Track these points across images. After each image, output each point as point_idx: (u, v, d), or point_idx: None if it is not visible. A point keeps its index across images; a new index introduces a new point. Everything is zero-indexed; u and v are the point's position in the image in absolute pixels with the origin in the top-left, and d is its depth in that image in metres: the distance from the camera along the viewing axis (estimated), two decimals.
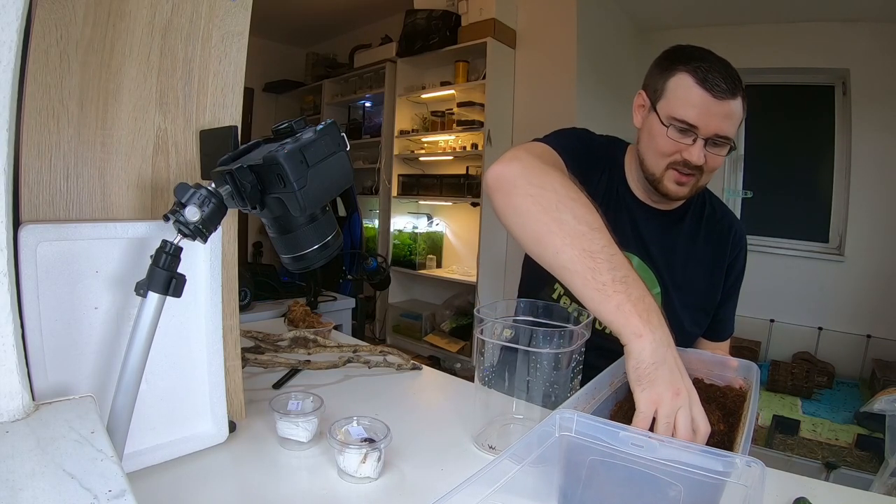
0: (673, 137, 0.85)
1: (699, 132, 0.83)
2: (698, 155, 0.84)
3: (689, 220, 1.01)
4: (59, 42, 0.57)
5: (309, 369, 0.99)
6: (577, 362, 0.70)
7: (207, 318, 0.66)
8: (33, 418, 0.43)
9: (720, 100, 0.81)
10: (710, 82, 0.81)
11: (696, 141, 0.84)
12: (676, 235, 0.99)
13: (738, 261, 1.04)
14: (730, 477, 0.45)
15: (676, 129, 0.85)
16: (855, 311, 3.02)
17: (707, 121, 0.82)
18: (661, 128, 0.86)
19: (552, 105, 3.12)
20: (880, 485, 0.98)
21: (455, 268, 3.79)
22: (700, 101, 0.82)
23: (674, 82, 0.85)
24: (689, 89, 0.83)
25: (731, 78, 0.82)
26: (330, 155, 0.51)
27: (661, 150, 0.88)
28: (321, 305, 2.02)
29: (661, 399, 0.58)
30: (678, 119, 0.84)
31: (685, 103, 0.83)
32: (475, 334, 0.71)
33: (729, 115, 0.83)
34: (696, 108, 0.82)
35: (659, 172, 0.90)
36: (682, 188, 0.90)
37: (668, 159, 0.88)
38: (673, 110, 0.85)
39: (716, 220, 1.03)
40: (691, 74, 0.83)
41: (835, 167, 3.11)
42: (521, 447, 0.48)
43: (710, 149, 0.85)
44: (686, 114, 0.83)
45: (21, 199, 0.56)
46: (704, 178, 0.90)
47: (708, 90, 0.81)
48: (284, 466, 0.66)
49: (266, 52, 4.74)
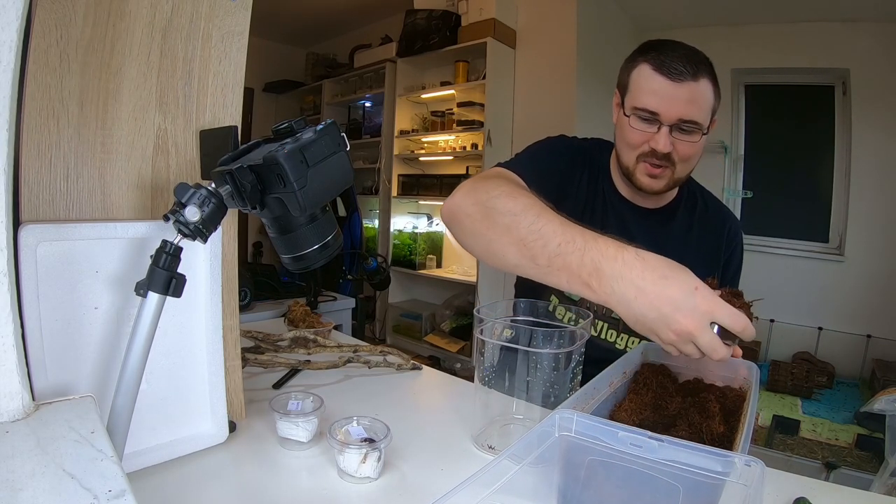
0: (637, 127, 0.86)
1: (662, 118, 0.83)
2: (664, 142, 0.84)
3: (680, 217, 1.00)
4: (59, 42, 0.57)
5: (309, 369, 0.99)
6: (576, 362, 0.70)
7: (207, 318, 0.66)
8: (33, 418, 0.43)
9: (679, 83, 0.81)
10: (667, 67, 0.82)
11: (661, 128, 0.84)
12: (667, 233, 0.99)
13: (734, 256, 1.02)
14: (729, 477, 0.45)
15: (640, 118, 0.86)
16: (855, 311, 3.02)
17: (668, 106, 0.82)
18: (625, 119, 0.88)
19: (552, 105, 3.12)
20: (880, 485, 0.98)
21: (455, 268, 3.79)
22: (659, 88, 0.82)
23: (635, 74, 0.87)
24: (648, 77, 0.84)
25: (692, 61, 0.82)
26: (330, 155, 0.51)
27: (628, 141, 0.89)
28: (321, 305, 2.02)
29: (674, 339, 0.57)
30: (639, 108, 0.85)
31: (645, 91, 0.84)
32: (475, 334, 0.71)
33: (692, 99, 0.82)
34: (656, 95, 0.83)
35: (631, 165, 0.91)
36: (656, 181, 0.89)
37: (636, 151, 0.88)
38: (635, 100, 0.86)
39: (709, 215, 1.02)
40: (650, 63, 0.84)
41: (835, 167, 3.11)
42: (520, 447, 0.48)
43: (679, 135, 0.85)
44: (647, 101, 0.84)
45: (21, 199, 0.56)
46: (680, 168, 0.89)
47: (666, 75, 0.82)
48: (284, 466, 0.66)
49: (266, 52, 4.75)
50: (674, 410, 0.64)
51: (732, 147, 3.35)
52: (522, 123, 3.32)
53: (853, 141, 3.01)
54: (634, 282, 0.58)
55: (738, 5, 3.02)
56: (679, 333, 0.57)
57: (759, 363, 2.95)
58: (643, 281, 0.58)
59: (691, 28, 3.33)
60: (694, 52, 0.83)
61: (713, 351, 0.56)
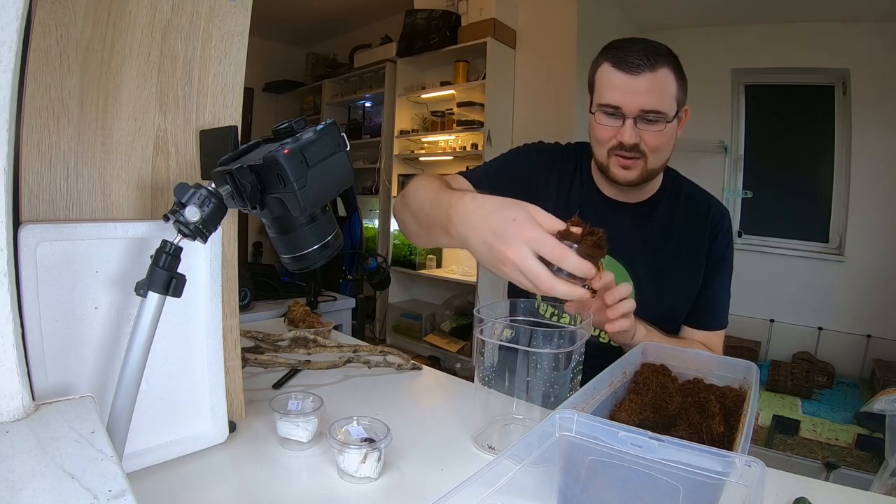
0: (603, 122, 0.90)
1: (624, 111, 0.87)
2: (629, 134, 0.87)
3: (662, 209, 1.01)
4: (59, 42, 0.57)
5: (309, 369, 0.99)
6: (576, 362, 0.70)
7: (207, 318, 0.66)
8: (33, 418, 0.43)
9: (636, 75, 0.84)
10: (624, 61, 0.85)
11: (626, 121, 0.87)
12: (649, 226, 1.00)
13: (717, 242, 1.01)
14: (729, 477, 0.45)
15: (605, 113, 0.89)
16: (855, 311, 3.02)
17: (629, 98, 0.86)
18: (593, 117, 0.92)
19: (552, 105, 3.12)
20: (880, 485, 0.98)
21: (455, 268, 3.79)
22: (619, 82, 0.86)
23: (599, 73, 0.91)
24: (608, 75, 0.88)
25: (647, 53, 0.84)
26: (330, 155, 0.51)
27: (597, 137, 0.93)
28: (321, 305, 2.02)
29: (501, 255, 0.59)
30: (603, 104, 0.88)
31: (607, 87, 0.88)
32: (475, 334, 0.71)
33: (651, 89, 0.85)
34: (616, 89, 0.86)
35: (604, 160, 0.94)
36: (629, 172, 0.92)
37: (606, 145, 0.92)
38: (599, 97, 0.90)
39: (693, 204, 1.02)
40: (608, 60, 0.88)
41: (835, 167, 3.11)
42: (521, 447, 0.48)
43: (644, 126, 0.87)
44: (608, 97, 0.87)
45: (21, 199, 0.56)
46: (652, 159, 0.91)
47: (623, 70, 0.85)
48: (284, 466, 0.66)
49: (266, 52, 4.74)
50: (674, 410, 0.64)
51: (732, 147, 3.35)
52: (522, 123, 3.32)
53: (853, 141, 3.01)
54: (469, 219, 0.64)
55: (738, 5, 3.02)
56: (505, 262, 0.59)
57: (759, 363, 2.95)
58: (475, 217, 0.63)
59: (691, 28, 3.34)
60: (653, 46, 0.86)
61: (536, 277, 0.58)
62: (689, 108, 0.94)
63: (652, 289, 0.97)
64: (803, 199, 3.26)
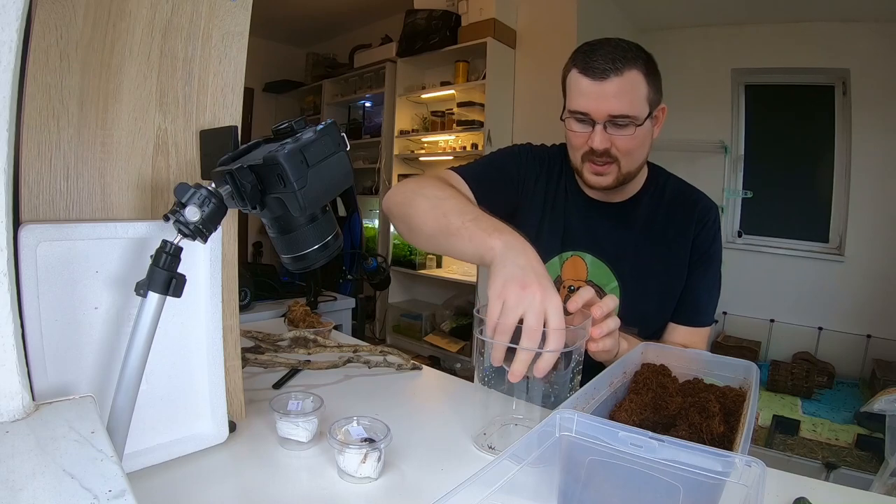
0: (573, 129, 0.90)
1: (593, 117, 0.86)
2: (599, 140, 0.87)
3: (645, 206, 1.00)
4: (59, 42, 0.57)
5: (309, 369, 0.99)
6: (576, 362, 0.70)
7: (207, 318, 0.66)
8: (33, 418, 0.43)
9: (602, 81, 0.84)
10: (590, 67, 0.84)
11: (595, 127, 0.87)
12: (631, 224, 0.99)
13: (702, 236, 0.99)
14: (729, 477, 0.45)
15: (574, 120, 0.89)
16: (855, 311, 3.02)
17: (596, 105, 0.85)
18: (564, 124, 0.92)
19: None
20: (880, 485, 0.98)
21: (455, 267, 3.79)
22: (586, 89, 0.86)
23: (568, 80, 0.90)
24: (576, 81, 0.87)
25: (613, 57, 0.83)
26: (330, 155, 0.51)
27: (570, 144, 0.93)
28: (321, 305, 2.02)
29: (507, 291, 0.60)
30: (573, 110, 0.88)
31: (576, 94, 0.88)
32: (475, 334, 0.71)
33: (617, 94, 0.84)
34: (584, 96, 0.86)
35: (578, 165, 0.94)
36: (603, 177, 0.92)
37: (579, 152, 0.92)
38: (569, 104, 0.90)
39: (679, 199, 1.01)
40: (576, 67, 0.87)
41: (835, 167, 3.11)
42: (521, 447, 0.48)
43: (614, 131, 0.87)
44: (577, 104, 0.87)
45: (21, 199, 0.56)
46: (625, 162, 0.90)
47: (589, 76, 0.85)
48: (284, 466, 0.66)
49: (266, 52, 4.74)
50: (674, 410, 0.64)
51: (732, 147, 3.35)
52: (522, 123, 3.32)
53: (853, 141, 3.01)
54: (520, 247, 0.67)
55: (738, 5, 3.02)
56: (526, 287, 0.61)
57: (759, 363, 2.95)
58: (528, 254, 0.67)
59: (691, 28, 3.34)
60: (621, 47, 0.85)
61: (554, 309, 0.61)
62: (665, 107, 0.93)
63: (637, 287, 0.97)
64: (803, 199, 3.26)
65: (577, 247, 0.99)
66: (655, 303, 0.99)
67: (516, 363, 0.61)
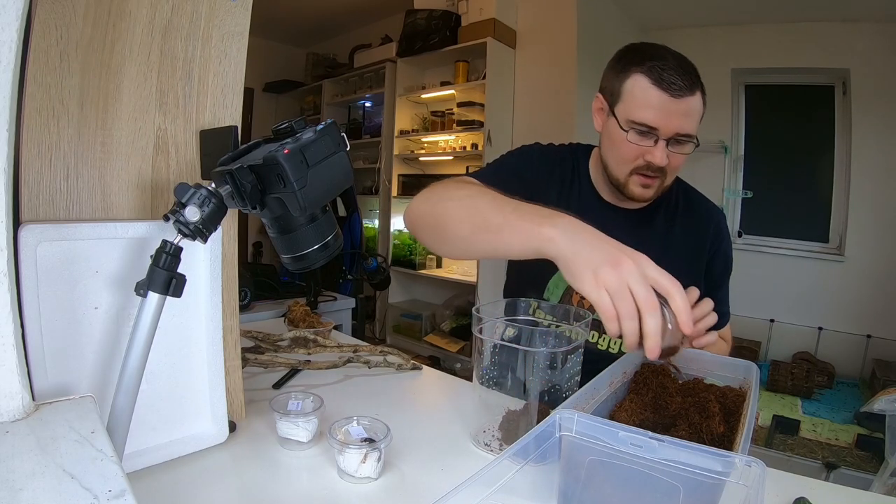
0: (633, 141, 0.84)
1: (660, 133, 0.83)
2: (661, 156, 0.83)
3: (661, 215, 1.00)
4: (59, 42, 0.57)
5: (309, 369, 0.99)
6: (574, 362, 0.70)
7: (207, 318, 0.66)
8: (33, 418, 0.43)
9: (678, 98, 0.80)
10: (666, 81, 0.80)
11: (658, 142, 0.83)
12: (649, 232, 0.98)
13: (720, 249, 1.00)
14: (729, 477, 0.45)
15: (637, 132, 0.84)
16: (855, 311, 3.02)
17: (667, 121, 0.81)
18: (620, 133, 0.85)
19: (552, 105, 3.12)
20: (880, 485, 0.98)
21: (455, 268, 3.79)
22: (658, 102, 0.81)
23: (629, 84, 0.84)
24: (645, 91, 0.82)
25: (687, 74, 0.81)
26: (330, 155, 0.51)
27: (623, 156, 0.87)
28: (321, 305, 2.02)
29: (603, 278, 0.54)
30: (637, 122, 0.83)
31: (643, 105, 0.82)
32: (474, 333, 0.71)
33: (688, 113, 0.82)
34: (655, 110, 0.81)
35: (623, 178, 0.90)
36: (648, 190, 0.89)
37: (631, 165, 0.87)
38: (631, 113, 0.83)
39: (692, 208, 1.01)
40: (646, 75, 0.82)
41: (835, 167, 3.11)
42: (520, 447, 0.48)
43: (673, 148, 0.84)
44: (645, 116, 0.82)
45: (21, 199, 0.56)
46: (669, 177, 0.89)
47: (665, 90, 0.80)
48: (284, 466, 0.66)
49: (266, 52, 4.74)
50: (674, 410, 0.64)
51: (732, 147, 3.35)
52: (522, 123, 3.32)
53: (853, 141, 3.01)
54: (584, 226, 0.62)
55: (738, 5, 3.02)
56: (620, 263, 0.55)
57: (759, 363, 2.95)
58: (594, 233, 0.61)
59: (691, 28, 3.34)
60: (686, 63, 0.83)
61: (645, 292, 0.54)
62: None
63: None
64: (803, 199, 3.26)
65: None
66: None
67: (649, 339, 0.54)
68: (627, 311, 0.54)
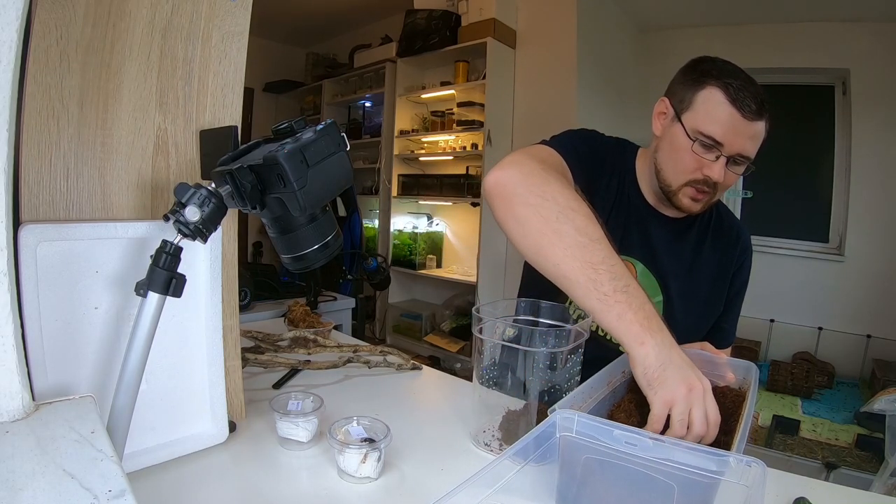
0: (697, 152, 0.84)
1: (723, 150, 0.82)
2: (719, 172, 0.83)
3: (696, 228, 1.00)
4: (59, 42, 0.57)
5: (309, 369, 0.99)
6: (573, 362, 0.70)
7: (207, 318, 0.66)
8: (33, 418, 0.43)
9: (749, 120, 0.81)
10: (740, 101, 0.80)
11: (719, 158, 0.83)
12: (685, 243, 0.99)
13: (742, 269, 1.03)
14: (724, 475, 0.45)
15: (701, 143, 0.83)
16: (855, 311, 3.02)
17: (733, 139, 0.81)
18: (685, 141, 0.85)
19: (552, 105, 3.12)
20: (880, 485, 0.98)
21: (455, 268, 3.79)
22: (729, 119, 0.81)
23: (703, 95, 0.83)
24: (718, 105, 0.81)
25: (759, 99, 0.81)
26: (330, 155, 0.51)
27: (683, 165, 0.87)
28: (321, 305, 2.02)
29: (675, 398, 0.59)
30: (705, 134, 0.82)
31: (714, 119, 0.82)
32: (474, 333, 0.71)
33: (754, 136, 0.82)
34: (724, 126, 0.81)
35: (676, 186, 0.89)
36: (697, 204, 0.89)
37: (688, 176, 0.87)
38: (700, 124, 0.83)
39: (723, 228, 1.02)
40: (722, 90, 0.81)
41: (835, 167, 3.11)
42: (520, 447, 0.48)
43: (730, 167, 0.84)
44: (713, 130, 0.82)
45: (21, 199, 0.57)
46: (718, 194, 0.89)
47: (738, 109, 0.80)
48: (284, 466, 0.66)
49: (266, 52, 4.74)
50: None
51: None
52: (522, 123, 3.32)
53: (853, 141, 3.01)
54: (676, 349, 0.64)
55: (738, 5, 3.01)
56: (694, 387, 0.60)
57: (759, 363, 2.95)
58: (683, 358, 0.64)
59: (692, 28, 3.33)
60: (759, 88, 0.83)
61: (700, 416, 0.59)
62: None
63: (680, 306, 0.97)
64: (803, 199, 3.26)
65: (632, 253, 0.95)
66: (693, 325, 0.99)
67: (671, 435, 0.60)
68: (677, 434, 0.59)
